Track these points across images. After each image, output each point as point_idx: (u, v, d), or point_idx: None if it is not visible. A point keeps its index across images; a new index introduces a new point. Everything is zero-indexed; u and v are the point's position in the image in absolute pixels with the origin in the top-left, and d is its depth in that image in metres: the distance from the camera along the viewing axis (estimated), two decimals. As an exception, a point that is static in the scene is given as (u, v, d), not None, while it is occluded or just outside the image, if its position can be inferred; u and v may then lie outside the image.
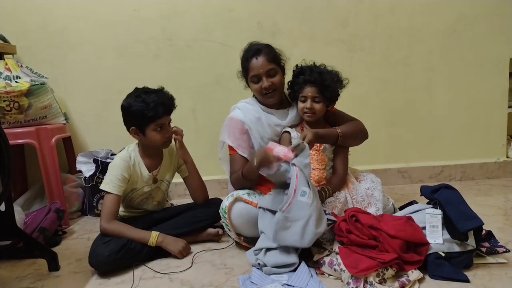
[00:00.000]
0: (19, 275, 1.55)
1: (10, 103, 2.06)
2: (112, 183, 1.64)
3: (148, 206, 1.83)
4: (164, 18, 2.46)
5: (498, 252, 1.48)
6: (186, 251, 1.64)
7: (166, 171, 1.83)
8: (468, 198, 1.50)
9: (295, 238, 1.39)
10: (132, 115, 1.65)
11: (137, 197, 1.77)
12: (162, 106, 1.64)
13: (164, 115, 1.66)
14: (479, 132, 2.71)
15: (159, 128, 1.66)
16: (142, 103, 1.62)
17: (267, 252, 1.47)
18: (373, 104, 2.63)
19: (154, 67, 2.49)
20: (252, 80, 1.73)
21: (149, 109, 1.61)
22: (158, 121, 1.64)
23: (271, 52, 1.72)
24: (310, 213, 1.39)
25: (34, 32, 2.42)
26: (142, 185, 1.75)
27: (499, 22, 2.60)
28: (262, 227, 1.54)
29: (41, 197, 2.32)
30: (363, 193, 1.67)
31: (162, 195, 1.86)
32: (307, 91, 1.64)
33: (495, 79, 2.66)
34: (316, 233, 1.39)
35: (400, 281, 1.28)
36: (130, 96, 1.67)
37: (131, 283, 1.42)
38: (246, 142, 1.76)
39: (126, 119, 1.70)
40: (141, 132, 1.67)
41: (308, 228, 1.38)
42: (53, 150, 2.11)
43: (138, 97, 1.64)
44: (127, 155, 1.72)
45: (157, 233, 1.61)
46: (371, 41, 2.57)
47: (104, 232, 1.59)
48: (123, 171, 1.67)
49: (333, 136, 1.66)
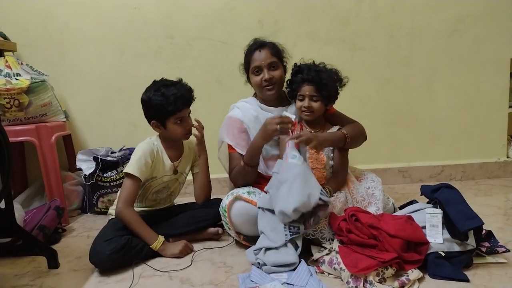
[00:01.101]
0: (18, 273, 1.55)
1: (10, 101, 2.06)
2: (137, 166, 1.63)
3: (162, 195, 1.83)
4: (165, 16, 2.46)
5: (498, 252, 1.47)
6: (185, 250, 1.64)
7: (186, 164, 1.85)
8: (468, 197, 1.50)
9: (283, 199, 1.43)
10: (152, 109, 1.65)
11: (155, 186, 1.76)
12: (182, 99, 1.64)
13: (184, 108, 1.66)
14: (480, 132, 2.71)
15: (179, 121, 1.67)
16: (161, 97, 1.62)
17: (267, 251, 1.47)
18: (374, 104, 2.63)
19: (154, 66, 2.49)
20: (253, 72, 1.74)
21: (169, 103, 1.61)
22: (178, 114, 1.65)
23: (274, 47, 1.75)
24: (298, 172, 1.44)
25: (35, 29, 2.42)
26: (162, 174, 1.75)
27: (499, 22, 2.60)
28: (262, 227, 1.54)
29: (41, 195, 2.32)
30: (363, 192, 1.67)
31: (178, 187, 1.88)
32: (305, 90, 1.64)
33: (496, 79, 2.66)
34: (302, 195, 1.40)
35: (400, 281, 1.28)
36: (149, 89, 1.67)
37: (130, 281, 1.42)
38: (245, 141, 1.76)
39: (146, 113, 1.70)
40: (162, 125, 1.68)
41: (294, 187, 1.42)
42: (53, 147, 2.11)
43: (157, 91, 1.63)
44: (151, 143, 1.73)
45: (162, 240, 1.61)
46: (372, 41, 2.57)
47: (119, 215, 1.59)
48: (147, 156, 1.67)
49: (340, 139, 1.65)
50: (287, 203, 1.41)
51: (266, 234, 1.51)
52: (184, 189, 1.90)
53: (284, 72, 1.77)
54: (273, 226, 1.50)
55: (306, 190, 1.42)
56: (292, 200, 1.40)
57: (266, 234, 1.51)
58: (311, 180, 1.47)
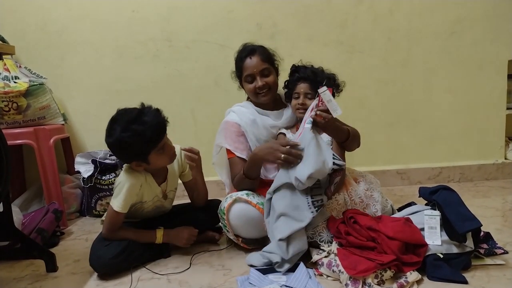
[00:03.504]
0: (16, 276, 1.54)
1: (9, 104, 2.05)
2: (122, 203, 1.52)
3: (156, 215, 1.77)
4: (163, 19, 2.46)
5: (496, 254, 1.48)
6: (191, 239, 1.65)
7: (173, 181, 1.74)
8: (466, 199, 1.50)
9: (299, 167, 1.43)
10: (127, 151, 1.45)
11: (146, 207, 1.69)
12: (158, 128, 1.46)
13: (163, 136, 1.49)
14: (478, 133, 2.71)
15: (161, 151, 1.50)
16: (135, 136, 1.40)
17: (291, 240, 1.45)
18: (372, 106, 2.63)
19: (153, 68, 2.49)
20: (246, 80, 1.74)
21: (146, 139, 1.42)
22: (159, 146, 1.48)
23: (265, 52, 1.74)
24: (312, 137, 1.44)
25: (33, 32, 2.42)
26: (152, 198, 1.66)
27: (497, 24, 2.60)
28: (282, 208, 1.47)
29: (39, 198, 2.32)
30: (361, 194, 1.66)
31: (170, 203, 1.80)
32: (300, 87, 1.66)
33: (494, 81, 2.67)
34: (317, 162, 1.40)
35: (399, 283, 1.28)
36: (114, 131, 1.42)
37: (129, 284, 1.42)
38: (243, 144, 1.75)
39: (120, 156, 1.54)
40: (144, 162, 1.50)
41: (310, 154, 1.42)
42: (52, 150, 2.10)
43: (125, 130, 1.40)
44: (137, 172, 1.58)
45: (162, 232, 1.61)
46: (370, 43, 2.58)
47: (109, 239, 1.54)
48: (135, 189, 1.54)
49: (345, 133, 1.62)
50: (303, 171, 1.41)
51: (290, 215, 1.45)
52: (182, 191, 1.89)
53: (276, 75, 1.77)
54: (295, 205, 1.46)
55: (320, 157, 1.42)
56: (307, 167, 1.40)
57: (290, 215, 1.45)
58: (323, 145, 1.47)
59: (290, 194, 1.48)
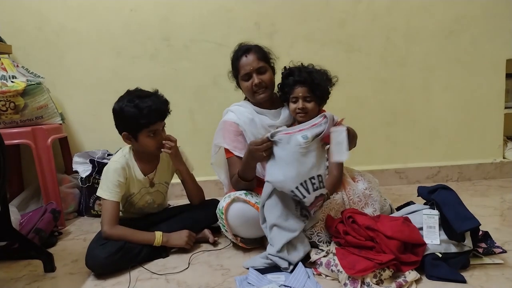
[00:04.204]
0: (14, 276, 1.54)
1: (6, 103, 2.05)
2: (109, 190, 1.59)
3: (150, 210, 1.82)
4: (162, 18, 2.46)
5: (494, 253, 1.48)
6: (191, 241, 1.67)
7: (163, 174, 1.80)
8: (464, 198, 1.50)
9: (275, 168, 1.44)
10: (124, 120, 1.58)
11: (136, 201, 1.75)
12: (156, 112, 1.58)
13: (158, 121, 1.60)
14: (476, 133, 2.72)
15: (152, 134, 1.60)
16: (135, 109, 1.54)
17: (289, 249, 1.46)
18: (370, 105, 2.63)
19: (151, 68, 2.48)
20: (243, 79, 1.74)
21: (143, 116, 1.54)
22: (151, 128, 1.59)
23: (260, 51, 1.74)
24: (297, 151, 1.40)
25: (31, 31, 2.41)
26: (139, 189, 1.72)
27: (495, 23, 2.60)
28: (273, 219, 1.49)
29: (37, 198, 2.31)
30: (360, 193, 1.66)
31: (162, 198, 1.85)
32: (298, 92, 1.64)
33: (492, 80, 2.67)
34: (284, 174, 1.40)
35: (397, 282, 1.28)
36: (122, 99, 1.59)
37: (127, 284, 1.42)
38: (242, 144, 1.75)
39: (117, 123, 1.64)
40: (133, 137, 1.62)
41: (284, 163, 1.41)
42: (49, 150, 2.10)
43: (130, 101, 1.56)
44: (122, 158, 1.68)
45: (161, 233, 1.61)
46: (368, 42, 2.57)
47: (108, 238, 1.55)
48: (119, 176, 1.62)
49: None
50: (273, 173, 1.43)
51: (282, 226, 1.47)
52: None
53: (273, 73, 1.77)
54: (286, 214, 1.47)
55: (292, 171, 1.40)
56: (280, 172, 1.41)
57: (282, 226, 1.47)
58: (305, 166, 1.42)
59: (281, 202, 1.48)
